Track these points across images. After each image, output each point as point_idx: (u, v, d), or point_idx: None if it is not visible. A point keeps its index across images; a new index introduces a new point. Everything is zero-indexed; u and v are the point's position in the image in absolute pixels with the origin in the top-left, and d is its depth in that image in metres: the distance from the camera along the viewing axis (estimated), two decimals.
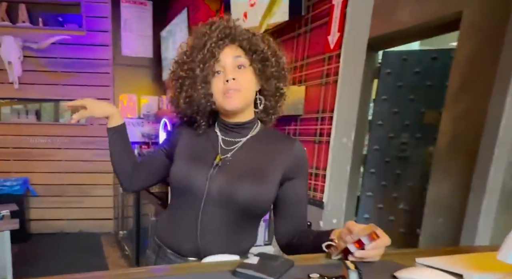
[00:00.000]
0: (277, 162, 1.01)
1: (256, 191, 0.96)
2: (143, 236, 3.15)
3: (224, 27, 1.03)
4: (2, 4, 3.99)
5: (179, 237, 1.04)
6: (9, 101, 4.34)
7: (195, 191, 1.00)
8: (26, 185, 4.18)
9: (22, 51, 3.95)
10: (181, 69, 1.05)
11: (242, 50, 1.01)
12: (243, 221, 1.01)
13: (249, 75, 1.01)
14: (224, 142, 1.07)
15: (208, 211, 0.99)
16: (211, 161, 1.02)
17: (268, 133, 1.09)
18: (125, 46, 4.20)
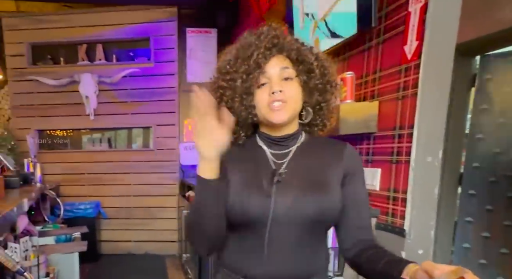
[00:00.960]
0: (333, 168, 0.97)
1: (323, 201, 0.91)
2: (205, 260, 3.03)
3: (272, 36, 0.95)
4: (83, 46, 4.35)
5: (250, 265, 0.96)
6: (87, 131, 4.62)
7: (257, 216, 0.92)
8: (98, 208, 4.35)
9: (97, 85, 4.21)
10: (222, 79, 1.00)
11: (290, 60, 0.96)
12: (311, 237, 0.95)
13: (296, 87, 0.95)
14: (273, 155, 1.00)
15: (275, 234, 0.92)
16: (266, 179, 0.94)
17: (314, 140, 1.04)
18: (190, 73, 4.30)
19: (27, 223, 2.69)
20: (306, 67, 0.95)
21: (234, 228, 0.98)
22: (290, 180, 0.94)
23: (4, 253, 1.63)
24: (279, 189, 0.92)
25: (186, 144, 4.33)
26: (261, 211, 0.91)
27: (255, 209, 0.91)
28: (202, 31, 4.22)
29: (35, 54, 4.47)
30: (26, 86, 4.39)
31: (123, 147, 4.62)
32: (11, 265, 1.61)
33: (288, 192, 0.92)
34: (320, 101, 0.99)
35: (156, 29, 4.16)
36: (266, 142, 1.01)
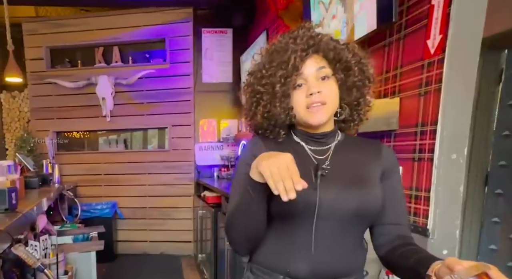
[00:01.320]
0: (372, 165, 0.98)
1: (366, 196, 0.92)
2: (221, 260, 3.00)
3: (308, 38, 0.94)
4: (100, 49, 4.40)
5: (293, 261, 0.94)
6: (104, 132, 4.66)
7: (303, 209, 0.91)
8: (114, 208, 4.38)
9: (114, 87, 4.23)
10: (258, 83, 0.99)
11: (326, 60, 0.95)
12: (353, 233, 0.95)
13: (333, 85, 0.95)
14: (313, 151, 1.00)
15: (320, 227, 0.91)
16: (309, 173, 0.93)
17: (351, 139, 1.06)
18: (205, 74, 4.29)
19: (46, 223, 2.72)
20: (343, 65, 0.94)
21: (277, 223, 0.97)
22: (332, 174, 0.94)
23: (25, 250, 1.65)
24: (322, 183, 0.92)
25: (201, 144, 4.32)
26: (305, 204, 0.90)
27: (301, 202, 0.87)
28: (218, 31, 4.20)
29: (54, 58, 4.53)
30: (45, 89, 4.45)
31: (139, 148, 4.63)
32: (32, 262, 1.63)
33: (331, 186, 0.92)
34: (358, 97, 0.98)
35: (171, 30, 4.16)
36: (303, 138, 1.02)
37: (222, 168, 4.16)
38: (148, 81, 4.23)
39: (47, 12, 4.72)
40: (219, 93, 4.31)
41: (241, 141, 3.32)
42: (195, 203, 4.13)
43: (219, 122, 4.33)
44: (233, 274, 2.61)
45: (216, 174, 4.20)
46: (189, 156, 4.31)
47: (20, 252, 1.63)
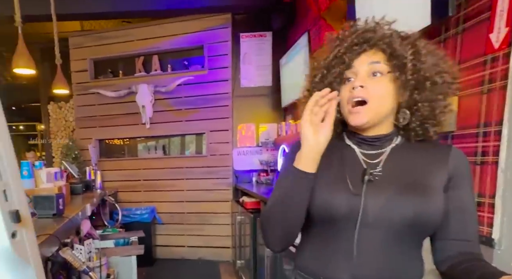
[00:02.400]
0: (435, 172, 0.85)
1: (423, 205, 0.81)
2: (260, 266, 2.90)
3: (364, 31, 0.86)
4: (140, 58, 4.46)
5: (333, 269, 0.88)
6: (143, 139, 4.69)
7: (345, 216, 0.85)
8: (153, 213, 4.38)
9: (153, 95, 4.27)
10: (309, 76, 0.97)
11: (383, 55, 0.85)
12: (404, 244, 0.85)
13: (385, 84, 0.84)
14: (364, 155, 0.92)
15: (364, 236, 0.84)
16: (356, 178, 0.87)
17: (413, 142, 0.91)
18: (244, 78, 4.23)
19: (90, 227, 2.73)
20: (400, 62, 0.83)
21: (318, 228, 0.91)
22: (383, 181, 0.85)
23: (72, 254, 1.69)
24: (370, 189, 0.84)
25: (239, 149, 4.25)
26: (347, 210, 0.84)
27: (341, 207, 0.84)
28: (256, 35, 4.15)
29: (97, 69, 4.65)
30: (89, 99, 4.57)
31: (177, 154, 4.62)
32: (78, 265, 1.67)
33: (380, 193, 0.84)
34: (418, 100, 0.84)
35: (209, 36, 4.16)
36: (355, 141, 0.94)
37: (261, 173, 4.08)
38: (186, 88, 4.23)
39: (91, 26, 4.86)
40: (258, 97, 4.24)
41: (281, 145, 3.21)
42: (233, 209, 4.05)
43: (257, 127, 4.25)
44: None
45: (255, 179, 4.11)
46: (227, 161, 4.26)
47: (67, 255, 1.67)
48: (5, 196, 0.69)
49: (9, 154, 0.71)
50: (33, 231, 0.79)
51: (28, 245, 0.76)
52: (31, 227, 0.78)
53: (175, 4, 3.75)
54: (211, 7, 3.88)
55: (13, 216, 0.70)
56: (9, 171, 0.71)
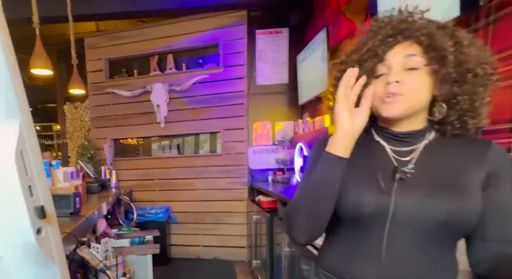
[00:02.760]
0: (472, 169, 0.80)
1: (458, 204, 0.76)
2: (277, 266, 2.86)
3: (399, 21, 0.81)
4: (155, 57, 4.45)
5: (361, 268, 0.85)
6: (157, 138, 4.69)
7: (373, 215, 0.82)
8: (168, 212, 4.38)
9: (168, 94, 4.26)
10: (337, 69, 0.93)
11: (420, 47, 0.80)
12: (437, 245, 0.81)
13: (421, 77, 0.80)
14: (394, 152, 0.88)
15: (393, 236, 0.81)
16: (386, 176, 0.83)
17: (447, 138, 0.87)
18: (259, 76, 4.18)
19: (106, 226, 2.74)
20: (439, 54, 0.79)
21: (345, 227, 0.88)
22: (415, 179, 0.82)
23: (89, 252, 1.70)
24: (401, 188, 0.81)
25: (255, 147, 4.20)
26: (377, 209, 0.81)
27: (370, 206, 0.82)
28: (273, 32, 4.09)
29: (112, 68, 4.67)
30: (104, 98, 4.59)
31: (191, 153, 4.59)
32: (95, 263, 1.67)
33: (412, 192, 0.80)
34: (457, 93, 0.81)
35: (225, 34, 4.12)
36: (385, 137, 0.89)
37: (277, 172, 4.02)
38: (201, 86, 4.21)
39: (107, 26, 4.89)
40: (274, 95, 4.18)
41: (298, 143, 3.15)
42: (248, 208, 4.02)
43: (273, 125, 4.19)
44: None
45: (271, 178, 4.05)
46: (242, 160, 4.22)
47: (85, 253, 1.68)
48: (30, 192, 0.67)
49: (34, 151, 0.70)
50: (57, 227, 0.77)
51: (53, 241, 0.73)
52: (56, 224, 0.76)
53: (190, 2, 3.74)
54: (226, 5, 3.84)
55: (38, 212, 0.68)
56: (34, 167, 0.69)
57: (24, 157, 0.66)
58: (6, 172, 0.62)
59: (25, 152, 0.66)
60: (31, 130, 0.69)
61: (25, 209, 0.66)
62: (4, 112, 0.63)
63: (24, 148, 0.66)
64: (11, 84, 0.61)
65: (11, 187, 0.64)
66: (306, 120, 3.46)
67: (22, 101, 0.66)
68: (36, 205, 0.68)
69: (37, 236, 0.68)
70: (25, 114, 0.66)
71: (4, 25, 0.59)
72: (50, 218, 0.72)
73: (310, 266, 2.14)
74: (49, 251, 0.72)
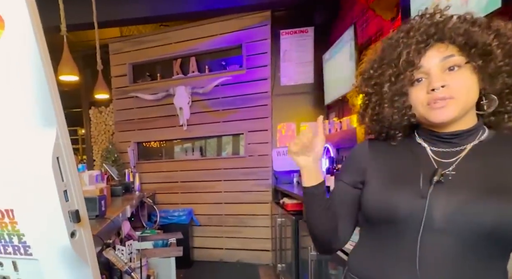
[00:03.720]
0: None
1: (505, 212, 0.70)
2: (303, 270, 2.84)
3: (427, 27, 0.78)
4: (178, 61, 4.51)
5: (391, 275, 0.82)
6: (180, 141, 4.74)
7: (406, 218, 0.79)
8: (190, 215, 4.41)
9: (190, 96, 4.31)
10: (366, 84, 0.91)
11: (456, 46, 0.78)
12: (482, 254, 0.75)
13: (467, 76, 0.77)
14: (436, 153, 0.84)
15: (429, 242, 0.77)
16: (423, 178, 0.80)
17: (501, 137, 0.82)
18: (284, 76, 4.16)
19: (130, 229, 2.78)
20: (481, 50, 0.76)
21: (377, 230, 0.86)
22: (458, 182, 0.78)
23: (115, 254, 1.71)
24: (440, 191, 0.77)
25: (279, 149, 4.17)
26: (410, 212, 0.78)
27: (404, 209, 0.79)
28: (297, 31, 4.05)
29: (136, 73, 4.77)
30: (127, 102, 4.69)
31: (213, 155, 4.63)
32: (120, 265, 1.68)
33: (452, 196, 0.76)
34: (510, 84, 0.78)
35: (248, 35, 4.12)
36: (428, 139, 0.86)
37: None
38: (224, 88, 4.23)
39: (130, 31, 5.00)
40: (299, 95, 4.14)
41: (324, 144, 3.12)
42: (273, 211, 3.99)
43: (298, 126, 4.14)
44: None
45: (296, 180, 4.01)
46: (266, 162, 4.20)
47: (110, 255, 1.69)
48: (65, 197, 0.70)
49: (69, 157, 0.72)
50: (90, 231, 0.79)
51: (86, 245, 0.76)
52: (88, 227, 0.79)
53: (213, 4, 3.76)
54: (249, 5, 3.84)
55: (73, 216, 0.70)
56: (69, 172, 0.72)
57: (60, 163, 0.69)
58: (44, 178, 0.65)
59: (61, 158, 0.69)
60: (66, 137, 0.72)
61: (60, 213, 0.68)
62: (42, 120, 0.65)
63: (61, 154, 0.69)
64: (49, 92, 0.63)
65: (48, 192, 0.66)
66: (332, 120, 3.42)
67: (58, 108, 0.68)
68: (71, 209, 0.70)
69: (72, 239, 0.71)
70: (61, 122, 0.69)
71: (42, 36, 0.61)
72: (83, 221, 0.74)
73: (338, 270, 2.11)
74: (83, 254, 0.75)
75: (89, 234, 0.78)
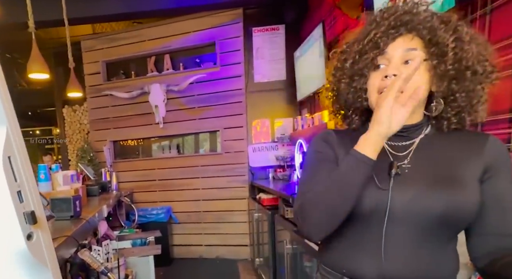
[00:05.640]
0: (469, 163, 0.79)
1: (454, 198, 0.75)
2: (279, 264, 2.85)
3: (403, 13, 0.79)
4: (152, 58, 4.43)
5: (360, 264, 0.84)
6: (157, 139, 4.67)
7: (371, 211, 0.80)
8: (169, 213, 4.37)
9: (166, 94, 4.24)
10: (337, 58, 0.92)
11: (421, 41, 0.79)
12: (435, 239, 0.79)
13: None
14: (391, 147, 0.86)
15: (392, 232, 0.79)
16: (383, 172, 0.81)
17: (445, 132, 0.85)
18: (257, 73, 4.15)
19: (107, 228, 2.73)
20: (440, 50, 0.77)
21: (345, 223, 0.84)
22: (412, 174, 0.81)
23: (90, 255, 1.69)
24: (398, 183, 0.80)
25: (254, 145, 4.17)
26: (375, 205, 0.80)
27: (369, 202, 0.80)
28: (269, 29, 4.06)
29: (109, 71, 4.65)
30: (102, 101, 4.57)
31: (191, 153, 4.58)
32: (96, 266, 1.66)
33: (408, 187, 0.79)
34: (455, 90, 0.79)
35: (221, 33, 4.09)
36: None
37: (277, 169, 3.99)
38: (199, 86, 4.19)
39: (103, 28, 4.86)
40: (272, 92, 4.15)
41: (298, 139, 3.13)
42: (250, 206, 4.00)
43: (272, 122, 4.16)
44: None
45: (272, 175, 4.02)
46: (242, 158, 4.19)
47: (86, 256, 1.67)
48: (20, 197, 0.66)
49: (23, 156, 0.68)
50: (49, 233, 0.75)
51: (45, 246, 0.72)
52: (47, 229, 0.75)
53: (186, 2, 3.70)
54: (222, 3, 3.81)
55: (28, 217, 0.66)
56: (23, 172, 0.68)
57: (13, 163, 0.64)
58: None
59: (13, 157, 0.65)
60: (19, 136, 0.67)
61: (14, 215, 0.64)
62: None
63: (12, 153, 0.64)
64: None
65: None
66: (305, 116, 3.44)
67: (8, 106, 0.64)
68: (26, 211, 0.66)
69: (28, 242, 0.67)
70: (11, 120, 0.65)
71: None
72: (41, 223, 0.70)
73: (312, 262, 2.14)
74: (41, 257, 0.71)
75: (48, 236, 0.74)
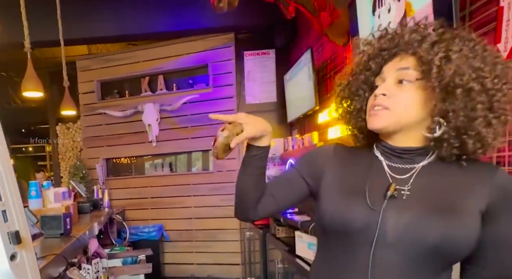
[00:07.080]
0: (471, 194, 0.73)
1: (452, 230, 0.70)
2: None
3: (394, 36, 0.80)
4: (146, 78, 4.47)
5: None
6: (150, 157, 4.65)
7: (360, 231, 0.76)
8: (161, 231, 4.31)
9: (159, 113, 4.26)
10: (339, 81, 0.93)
11: (416, 60, 0.75)
12: (427, 269, 0.74)
13: (411, 92, 0.75)
14: (391, 168, 0.82)
15: (381, 257, 0.74)
16: (378, 192, 0.77)
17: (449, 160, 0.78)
18: (248, 95, 4.20)
19: (97, 246, 2.68)
20: (427, 67, 0.73)
21: (333, 242, 0.83)
22: (410, 199, 0.76)
23: (79, 274, 1.66)
24: (393, 206, 0.76)
25: None
26: (364, 226, 0.76)
27: (357, 221, 0.77)
28: (260, 53, 4.15)
29: (104, 90, 4.67)
30: (96, 119, 4.57)
31: (184, 171, 4.55)
32: None
33: (403, 211, 0.75)
34: (448, 110, 0.72)
35: (214, 55, 4.16)
36: (383, 152, 0.84)
37: None
38: (192, 106, 4.21)
39: (98, 49, 4.91)
40: (263, 113, 4.13)
41: (288, 159, 3.15)
42: (241, 225, 3.96)
43: None
44: None
45: None
46: (234, 177, 4.12)
47: (75, 275, 1.64)
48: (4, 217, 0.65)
49: (8, 174, 0.67)
50: (33, 253, 0.74)
51: (29, 268, 0.70)
52: (32, 249, 0.73)
53: (180, 26, 3.76)
54: (214, 28, 3.89)
55: (13, 237, 0.65)
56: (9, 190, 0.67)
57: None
58: None
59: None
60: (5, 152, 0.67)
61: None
62: None
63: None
64: None
65: None
66: (295, 137, 3.46)
67: None
68: (11, 230, 0.65)
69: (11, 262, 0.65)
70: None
71: None
72: (25, 243, 0.69)
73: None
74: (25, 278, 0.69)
75: (32, 256, 0.73)
